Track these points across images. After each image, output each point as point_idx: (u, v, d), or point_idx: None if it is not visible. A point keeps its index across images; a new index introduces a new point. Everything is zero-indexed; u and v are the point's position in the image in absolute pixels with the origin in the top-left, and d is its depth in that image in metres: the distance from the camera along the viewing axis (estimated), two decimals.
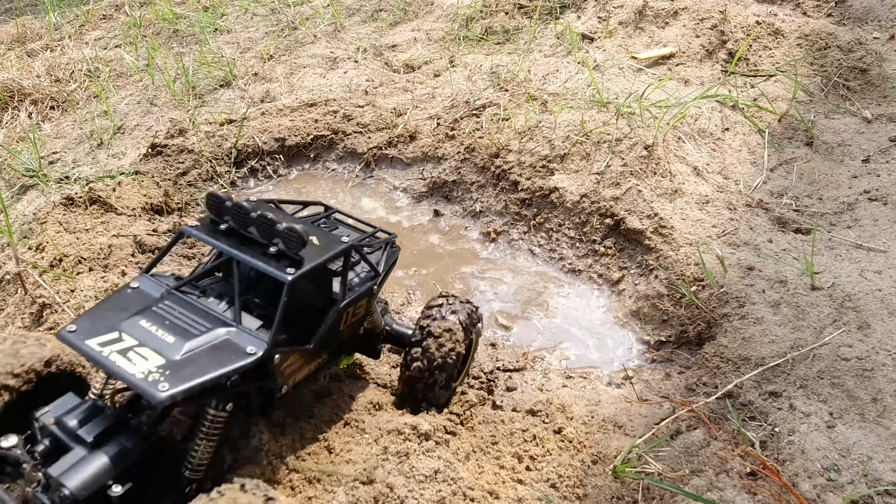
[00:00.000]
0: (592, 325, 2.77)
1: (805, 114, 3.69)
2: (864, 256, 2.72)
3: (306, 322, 1.80)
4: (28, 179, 3.60)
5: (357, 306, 1.97)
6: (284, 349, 1.71)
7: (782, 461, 1.92)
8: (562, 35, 4.59)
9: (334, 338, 1.93)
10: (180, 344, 1.58)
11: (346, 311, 1.90)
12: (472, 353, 2.36)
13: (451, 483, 1.73)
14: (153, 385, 1.46)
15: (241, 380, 1.64)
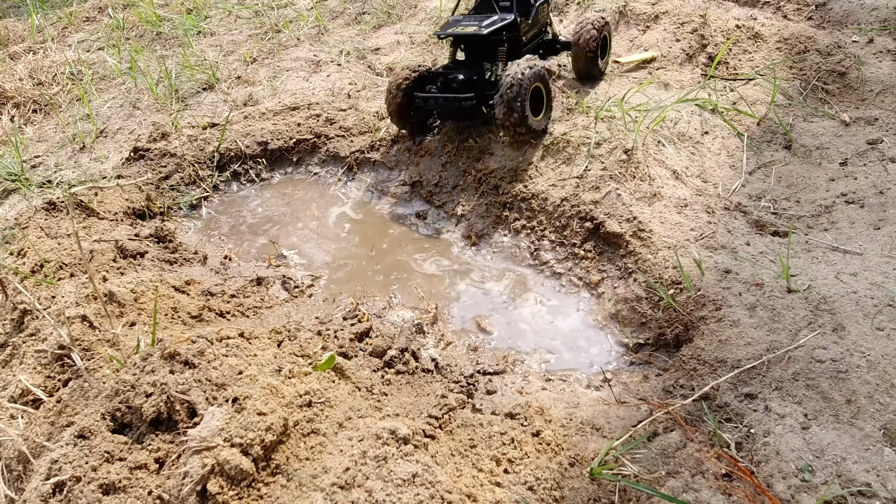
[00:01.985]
0: (572, 327, 2.79)
1: (784, 117, 3.73)
2: (841, 259, 2.75)
3: (527, 12, 3.70)
4: (10, 184, 3.59)
5: (543, 6, 3.85)
6: (521, 18, 3.60)
7: (757, 462, 1.94)
8: None
9: (536, 23, 3.81)
10: (481, 23, 3.44)
11: (541, 6, 3.83)
12: (609, 43, 4.07)
13: (429, 487, 1.74)
14: (479, 30, 3.35)
15: (507, 31, 3.54)
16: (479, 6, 3.70)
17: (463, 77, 3.50)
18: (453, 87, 3.51)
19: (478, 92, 3.45)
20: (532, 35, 3.80)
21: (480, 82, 3.51)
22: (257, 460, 1.73)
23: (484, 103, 3.45)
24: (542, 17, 3.86)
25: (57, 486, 1.79)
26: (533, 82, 3.22)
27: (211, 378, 1.91)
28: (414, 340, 2.59)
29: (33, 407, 2.13)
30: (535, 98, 3.32)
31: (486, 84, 3.51)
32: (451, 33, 3.36)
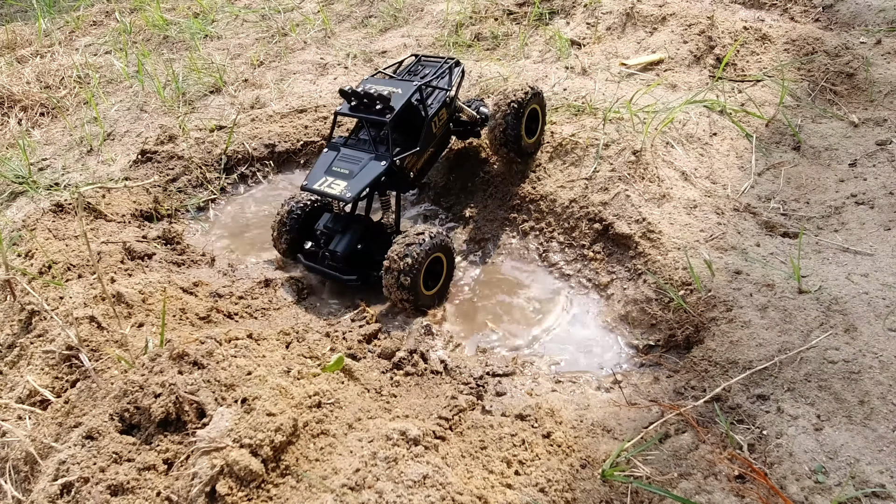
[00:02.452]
0: (581, 329, 2.77)
1: (792, 118, 3.71)
2: (851, 260, 2.73)
3: (413, 136, 3.02)
4: (17, 186, 3.60)
5: (440, 115, 3.13)
6: (401, 156, 2.91)
7: (770, 464, 1.93)
8: (551, 41, 4.61)
9: (431, 138, 3.11)
10: (352, 173, 2.83)
11: (432, 121, 3.07)
12: (542, 116, 3.37)
13: (439, 488, 1.73)
14: (343, 196, 2.74)
15: (387, 176, 2.90)
16: (356, 129, 3.14)
17: (339, 246, 2.92)
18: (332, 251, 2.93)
19: (362, 266, 2.96)
20: (429, 157, 3.19)
21: (365, 250, 2.97)
22: (267, 461, 1.72)
23: (375, 269, 2.93)
24: (442, 124, 3.18)
25: (65, 487, 1.79)
26: (429, 255, 2.74)
27: (220, 379, 1.90)
28: (423, 342, 2.58)
29: (41, 408, 2.13)
30: (433, 266, 2.83)
31: (372, 251, 2.98)
32: (315, 190, 2.85)
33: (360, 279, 2.90)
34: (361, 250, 2.93)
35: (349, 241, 2.90)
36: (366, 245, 2.94)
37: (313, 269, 2.98)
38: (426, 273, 2.77)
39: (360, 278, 2.91)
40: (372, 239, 2.98)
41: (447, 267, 2.90)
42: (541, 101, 3.30)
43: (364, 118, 2.92)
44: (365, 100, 2.90)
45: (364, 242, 2.94)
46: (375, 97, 2.85)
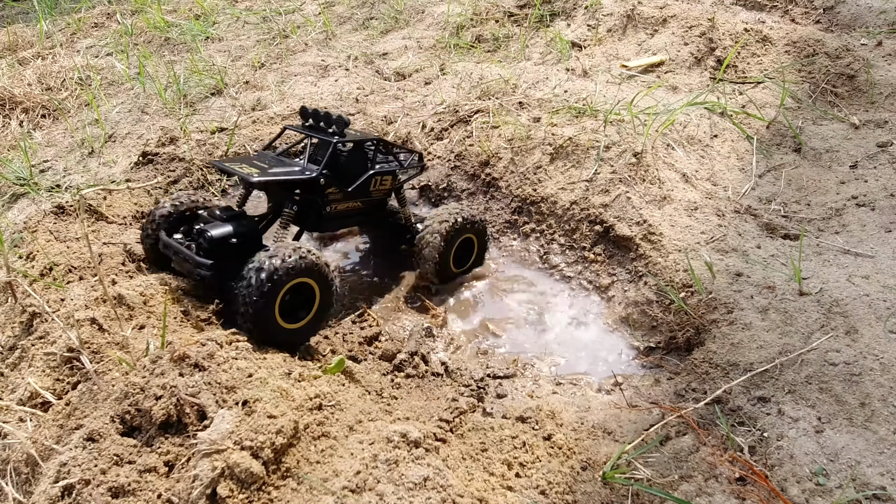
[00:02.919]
0: (582, 331, 2.78)
1: (793, 120, 3.71)
2: (852, 262, 2.73)
3: (351, 178, 2.78)
4: (19, 188, 3.60)
5: (383, 178, 2.91)
6: (329, 177, 2.67)
7: (771, 466, 1.93)
8: (552, 43, 4.61)
9: (365, 193, 2.85)
10: (271, 167, 2.60)
11: (374, 178, 2.86)
12: (481, 244, 3.10)
13: (440, 490, 1.73)
14: (250, 176, 2.47)
15: (302, 191, 2.64)
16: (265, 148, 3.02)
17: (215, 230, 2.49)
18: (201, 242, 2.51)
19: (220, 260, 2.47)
20: (349, 212, 2.88)
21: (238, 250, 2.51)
22: (267, 463, 1.71)
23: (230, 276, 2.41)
24: (379, 191, 2.94)
25: (66, 490, 1.79)
26: (289, 279, 2.29)
27: (220, 381, 1.90)
28: (423, 344, 2.58)
29: (42, 410, 2.13)
30: (300, 293, 2.40)
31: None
32: (221, 165, 2.64)
33: (213, 271, 2.42)
34: (235, 247, 2.48)
35: (228, 231, 2.49)
36: (241, 246, 2.48)
37: (169, 247, 2.59)
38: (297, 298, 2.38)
39: (215, 273, 2.42)
40: (249, 246, 2.48)
41: (322, 293, 2.43)
42: (478, 231, 3.03)
43: (311, 135, 2.80)
44: (322, 121, 2.81)
45: (242, 242, 2.50)
46: (334, 119, 2.76)
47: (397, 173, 2.99)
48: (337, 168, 2.74)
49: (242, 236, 2.52)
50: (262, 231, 2.67)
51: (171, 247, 2.59)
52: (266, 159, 2.73)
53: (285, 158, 2.82)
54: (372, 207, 2.99)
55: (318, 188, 2.68)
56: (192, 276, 2.55)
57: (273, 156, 2.84)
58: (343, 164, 2.78)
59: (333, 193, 2.74)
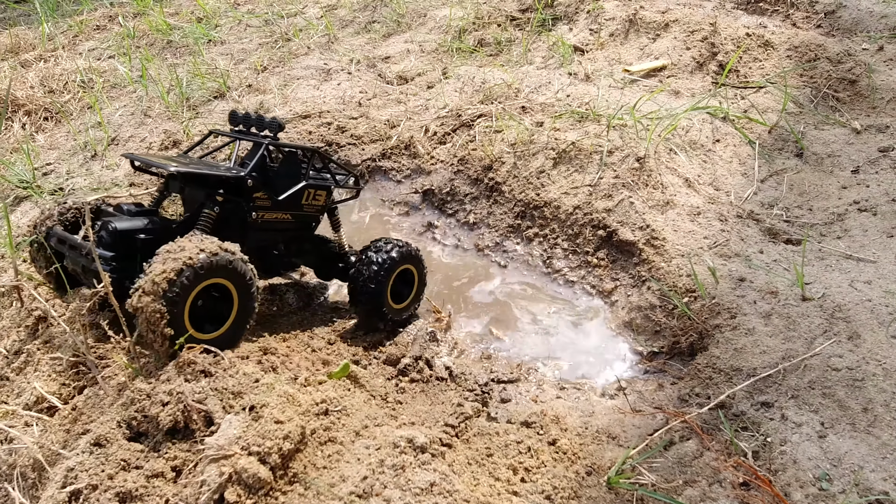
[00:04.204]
0: (586, 336, 2.78)
1: (795, 125, 3.72)
2: (854, 267, 2.74)
3: (282, 188, 2.54)
4: (22, 191, 3.61)
5: (317, 192, 2.66)
6: (256, 178, 2.42)
7: (774, 471, 1.94)
8: (554, 47, 4.62)
9: (296, 205, 2.60)
10: (192, 164, 2.36)
11: (307, 189, 2.61)
12: (418, 280, 2.80)
13: (447, 496, 1.74)
14: (167, 167, 2.23)
15: (226, 192, 2.38)
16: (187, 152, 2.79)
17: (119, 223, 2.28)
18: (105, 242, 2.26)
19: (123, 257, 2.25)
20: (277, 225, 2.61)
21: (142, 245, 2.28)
22: (275, 469, 1.72)
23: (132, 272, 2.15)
24: (312, 205, 2.68)
25: (73, 495, 1.79)
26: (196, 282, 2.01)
27: (227, 386, 1.91)
28: (427, 348, 2.59)
29: (48, 414, 2.13)
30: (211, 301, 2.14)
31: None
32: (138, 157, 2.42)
33: (112, 267, 2.19)
34: (142, 244, 2.27)
35: (135, 225, 2.29)
36: (150, 244, 2.21)
37: (64, 242, 2.35)
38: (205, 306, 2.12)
39: (114, 270, 2.19)
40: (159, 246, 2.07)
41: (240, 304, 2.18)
42: (415, 261, 2.77)
43: (240, 137, 2.59)
44: (253, 125, 2.62)
45: (150, 239, 2.27)
46: (267, 122, 2.58)
47: (332, 190, 2.74)
48: (267, 175, 2.52)
49: (153, 233, 2.30)
50: (175, 234, 2.23)
51: (67, 240, 2.32)
52: (187, 160, 2.53)
53: (211, 161, 2.63)
54: (302, 224, 2.70)
55: (244, 190, 2.42)
56: (86, 274, 2.28)
57: (197, 158, 2.65)
58: (275, 173, 2.55)
59: (261, 199, 2.48)
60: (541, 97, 3.99)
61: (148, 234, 2.29)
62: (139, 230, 2.28)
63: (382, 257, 2.63)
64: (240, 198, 2.44)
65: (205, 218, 2.34)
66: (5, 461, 2.04)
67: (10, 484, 1.99)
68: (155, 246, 2.08)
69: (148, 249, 2.11)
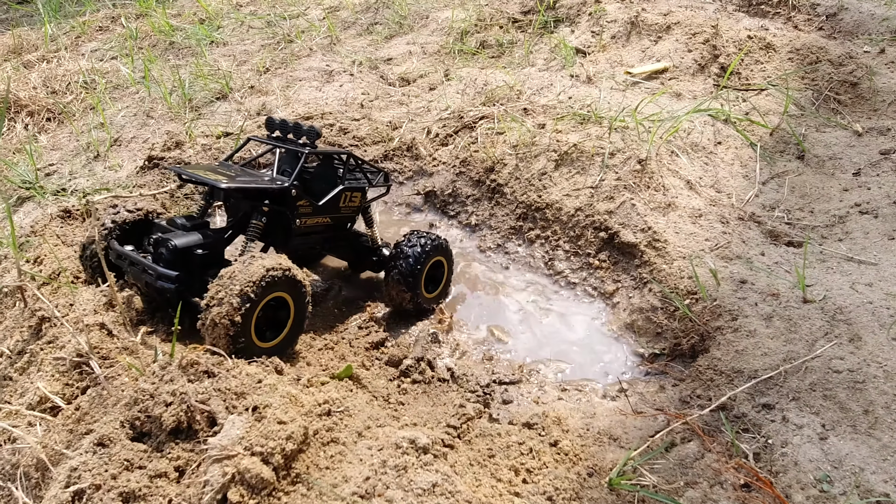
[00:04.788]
0: (587, 337, 2.79)
1: (796, 127, 3.73)
2: (856, 269, 2.74)
3: (320, 192, 2.64)
4: (24, 191, 3.61)
5: (353, 194, 2.77)
6: (298, 187, 2.52)
7: (776, 473, 1.94)
8: (556, 49, 4.63)
9: (335, 208, 2.72)
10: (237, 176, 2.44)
11: (344, 193, 2.71)
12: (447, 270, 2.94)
13: (449, 496, 1.74)
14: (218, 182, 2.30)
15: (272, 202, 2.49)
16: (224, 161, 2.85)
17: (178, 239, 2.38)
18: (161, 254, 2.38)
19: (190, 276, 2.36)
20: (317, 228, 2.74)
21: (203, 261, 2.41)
22: (278, 469, 1.73)
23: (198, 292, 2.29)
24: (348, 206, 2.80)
25: (76, 494, 1.79)
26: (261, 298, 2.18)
27: (230, 387, 1.92)
28: (429, 350, 2.59)
29: (51, 414, 2.14)
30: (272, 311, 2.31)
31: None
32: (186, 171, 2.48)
33: (178, 284, 2.31)
34: (200, 258, 2.40)
35: (192, 240, 2.39)
36: (206, 258, 2.39)
37: (123, 258, 2.46)
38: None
39: (180, 285, 2.31)
40: (213, 259, 2.40)
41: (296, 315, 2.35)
42: (445, 252, 2.90)
43: (279, 146, 2.65)
44: (290, 132, 2.68)
45: (207, 253, 2.41)
46: (304, 129, 2.63)
47: (366, 190, 2.87)
48: (306, 182, 2.64)
49: (209, 247, 2.43)
50: (225, 245, 2.53)
51: (127, 257, 2.42)
52: (229, 169, 2.60)
53: (249, 170, 2.71)
54: (340, 225, 2.84)
55: (289, 199, 2.54)
56: (150, 289, 2.41)
57: (237, 167, 2.72)
58: (312, 178, 2.67)
59: (304, 206, 2.60)
60: (543, 99, 3.99)
61: (204, 249, 2.41)
62: (196, 245, 2.39)
63: (417, 250, 2.76)
64: (284, 207, 2.56)
65: (253, 228, 2.48)
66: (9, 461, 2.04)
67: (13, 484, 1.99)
68: (210, 259, 2.38)
69: (204, 262, 2.36)
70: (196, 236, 2.41)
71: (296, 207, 2.57)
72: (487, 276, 3.14)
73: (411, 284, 2.74)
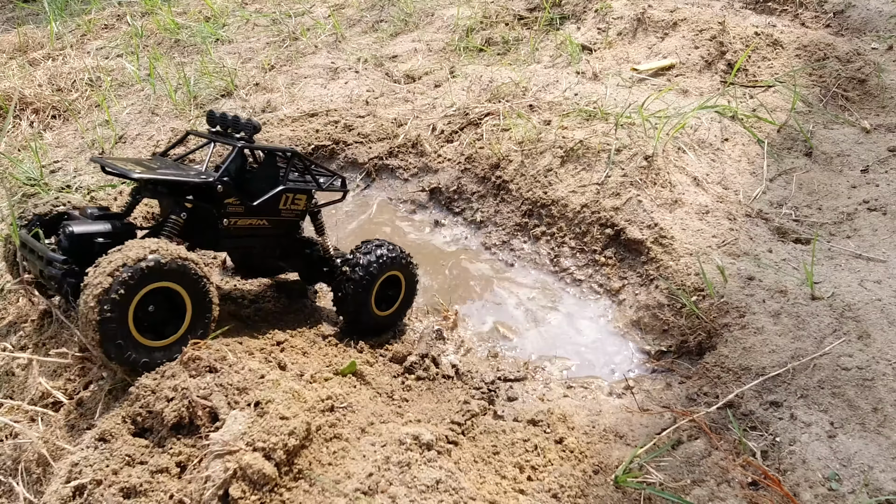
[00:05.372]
0: (593, 334, 2.77)
1: (804, 124, 3.70)
2: (864, 266, 2.72)
3: (259, 192, 2.40)
4: (29, 188, 3.61)
5: (296, 197, 2.52)
6: (228, 183, 2.27)
7: (783, 471, 1.92)
8: (562, 46, 4.61)
9: (273, 210, 2.47)
10: (162, 169, 2.22)
11: (285, 194, 2.47)
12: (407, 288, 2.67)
13: (452, 493, 1.73)
14: (131, 173, 2.08)
15: (195, 198, 2.25)
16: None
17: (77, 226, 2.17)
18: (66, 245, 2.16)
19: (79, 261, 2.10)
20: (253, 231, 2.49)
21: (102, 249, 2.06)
22: (280, 465, 1.71)
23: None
24: (291, 209, 2.55)
25: (77, 490, 1.79)
26: (139, 285, 1.89)
27: (232, 382, 1.90)
28: (434, 346, 2.57)
29: (53, 409, 2.13)
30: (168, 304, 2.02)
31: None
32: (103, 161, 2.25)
33: (65, 271, 2.07)
34: (101, 248, 2.10)
35: (94, 229, 2.18)
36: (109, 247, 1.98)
37: (25, 245, 2.28)
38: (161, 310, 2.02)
39: (68, 273, 2.07)
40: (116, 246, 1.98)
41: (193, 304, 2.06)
42: (403, 268, 2.62)
43: (215, 140, 2.46)
44: (230, 126, 2.46)
45: (109, 243, 2.09)
46: (242, 123, 2.44)
47: (313, 193, 2.61)
48: (243, 179, 2.43)
49: (111, 236, 2.17)
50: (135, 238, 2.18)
51: (27, 244, 2.25)
52: (160, 162, 2.39)
53: (184, 164, 2.47)
54: (281, 230, 2.57)
55: (214, 196, 2.27)
56: (46, 280, 2.17)
57: (171, 161, 2.51)
58: (251, 177, 2.46)
59: (233, 205, 2.34)
60: (548, 96, 3.98)
61: (106, 238, 2.16)
62: (97, 234, 2.16)
63: (366, 263, 2.51)
64: (209, 204, 2.30)
65: (171, 224, 2.21)
66: (10, 456, 2.04)
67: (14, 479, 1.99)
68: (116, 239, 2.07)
69: (111, 243, 2.04)
70: (101, 226, 2.19)
71: (224, 206, 2.31)
72: (493, 273, 3.13)
73: (358, 300, 2.51)
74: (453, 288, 3.03)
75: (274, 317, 2.69)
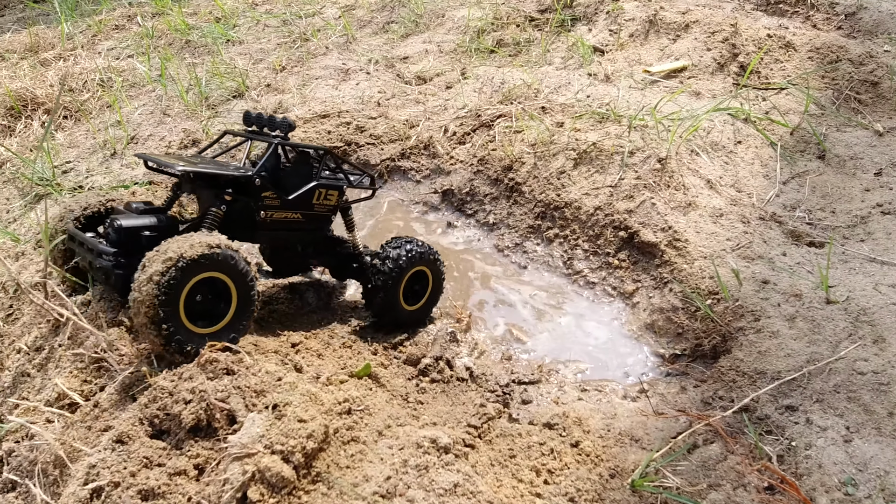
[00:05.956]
0: (607, 337, 2.77)
1: (817, 127, 3.70)
2: (879, 270, 2.72)
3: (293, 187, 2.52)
4: (41, 188, 3.62)
5: (328, 192, 2.62)
6: (264, 178, 2.40)
7: (800, 475, 1.92)
8: (573, 47, 4.61)
9: (306, 204, 2.57)
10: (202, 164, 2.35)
11: (318, 189, 2.57)
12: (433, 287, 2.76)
13: (470, 497, 1.73)
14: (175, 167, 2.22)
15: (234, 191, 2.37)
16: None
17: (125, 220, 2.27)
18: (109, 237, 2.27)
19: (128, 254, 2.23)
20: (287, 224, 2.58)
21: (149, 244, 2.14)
22: (298, 468, 1.72)
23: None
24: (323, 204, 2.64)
25: (95, 492, 1.79)
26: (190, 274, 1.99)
27: (250, 385, 1.91)
28: (448, 349, 2.58)
29: (70, 411, 2.14)
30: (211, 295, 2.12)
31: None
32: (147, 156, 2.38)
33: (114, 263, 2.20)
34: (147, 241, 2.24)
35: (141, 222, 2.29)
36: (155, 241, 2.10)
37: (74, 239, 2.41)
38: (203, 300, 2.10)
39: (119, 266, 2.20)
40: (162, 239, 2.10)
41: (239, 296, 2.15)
42: (430, 263, 2.71)
43: (251, 137, 2.58)
44: (265, 125, 2.60)
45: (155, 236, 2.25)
46: (278, 122, 2.56)
47: (344, 190, 2.70)
48: (278, 175, 2.51)
49: (156, 230, 2.29)
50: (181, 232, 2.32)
51: (76, 238, 2.38)
52: (200, 159, 2.52)
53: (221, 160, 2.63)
54: (314, 224, 2.67)
55: (252, 189, 2.39)
56: (94, 271, 2.31)
57: (209, 157, 2.64)
58: (285, 174, 2.53)
59: (270, 198, 2.45)
60: (561, 98, 3.98)
61: (153, 232, 2.28)
62: (144, 227, 2.28)
63: (395, 257, 2.60)
64: (248, 197, 2.42)
65: (211, 217, 2.32)
66: (27, 458, 2.04)
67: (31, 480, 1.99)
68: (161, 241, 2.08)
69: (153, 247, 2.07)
70: (147, 219, 2.31)
71: (261, 199, 2.43)
72: (505, 275, 3.13)
73: (387, 291, 2.60)
74: (466, 290, 3.03)
75: (287, 318, 2.70)
